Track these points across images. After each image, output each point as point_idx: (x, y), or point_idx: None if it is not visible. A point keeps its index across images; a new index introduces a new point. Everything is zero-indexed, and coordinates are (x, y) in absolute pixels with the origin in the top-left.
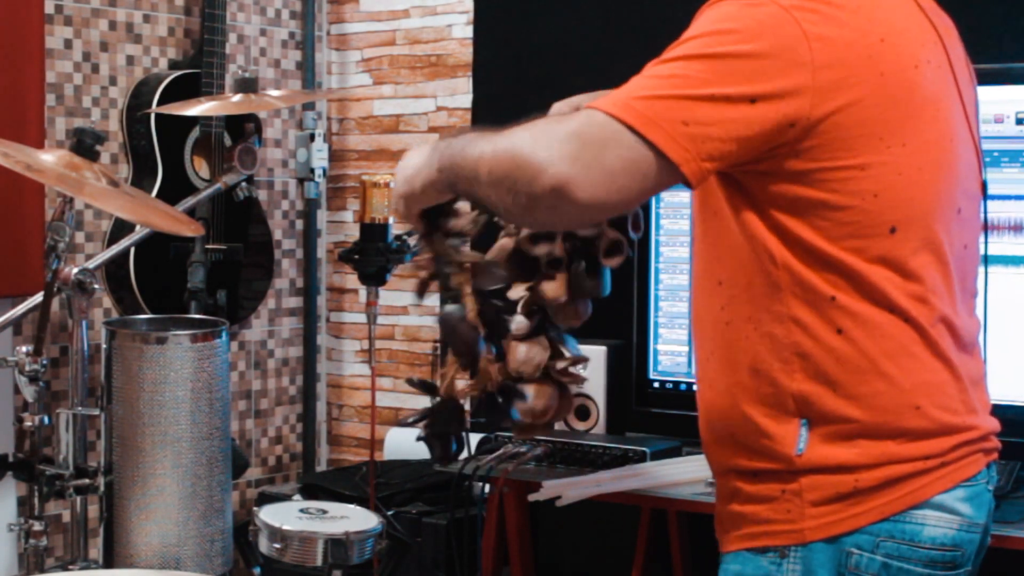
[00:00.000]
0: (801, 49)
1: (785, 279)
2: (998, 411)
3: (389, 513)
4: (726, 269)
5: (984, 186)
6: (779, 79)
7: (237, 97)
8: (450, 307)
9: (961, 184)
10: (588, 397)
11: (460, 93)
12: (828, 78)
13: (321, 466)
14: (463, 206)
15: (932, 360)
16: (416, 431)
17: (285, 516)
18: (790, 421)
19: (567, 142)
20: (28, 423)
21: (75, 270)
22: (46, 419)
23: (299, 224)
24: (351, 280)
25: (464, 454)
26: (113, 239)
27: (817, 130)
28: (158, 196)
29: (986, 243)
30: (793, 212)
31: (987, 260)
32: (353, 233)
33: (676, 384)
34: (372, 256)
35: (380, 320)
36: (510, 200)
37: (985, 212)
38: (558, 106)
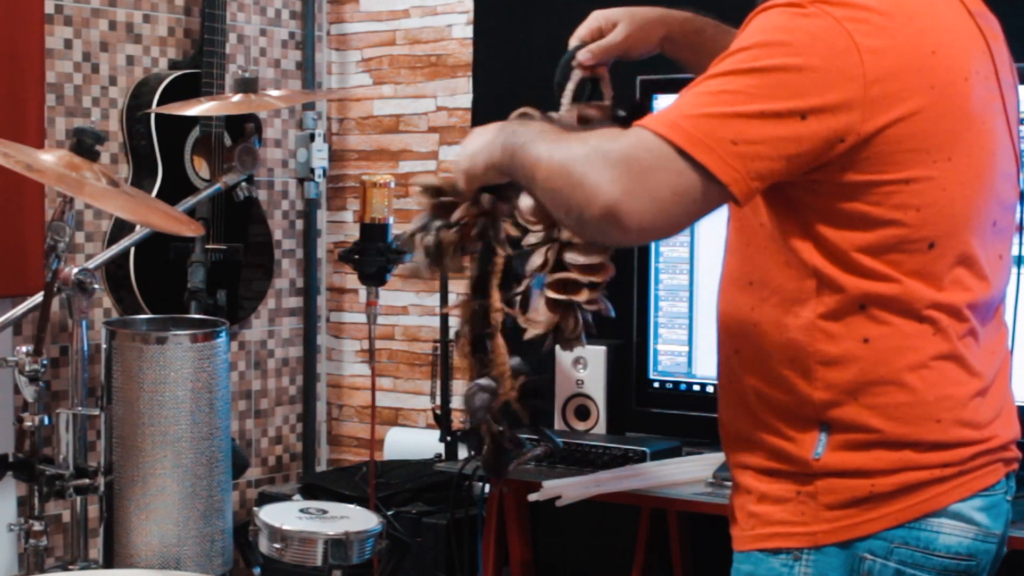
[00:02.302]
0: (853, 61)
1: (815, 287)
2: None
3: (389, 513)
4: (758, 271)
5: (1022, 195)
6: (830, 93)
7: (237, 97)
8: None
9: (998, 196)
10: (588, 397)
11: (460, 93)
12: (879, 91)
13: (321, 466)
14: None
15: (958, 372)
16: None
17: (285, 516)
18: (810, 426)
19: (617, 167)
20: (28, 423)
21: (75, 270)
22: (46, 419)
23: (299, 224)
24: (351, 280)
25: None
26: (113, 239)
27: (867, 144)
28: (158, 196)
29: (1020, 245)
30: (833, 222)
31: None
32: (353, 233)
33: (676, 384)
34: (372, 256)
35: (380, 320)
36: (563, 213)
37: (1022, 219)
38: (595, 16)
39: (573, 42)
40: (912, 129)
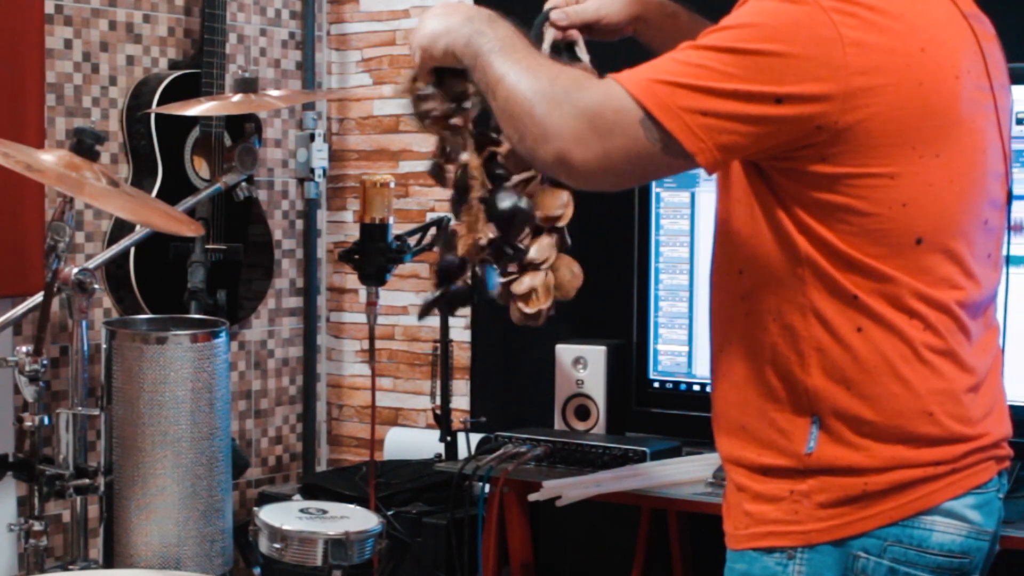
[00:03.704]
0: (835, 53)
1: (809, 273)
2: None
3: (389, 513)
4: (748, 258)
5: (1010, 193)
6: (808, 82)
7: (237, 97)
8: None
9: (989, 195)
10: (588, 397)
11: None
12: (860, 84)
13: (321, 466)
14: None
15: (950, 368)
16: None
17: (285, 516)
18: (802, 417)
19: (579, 118)
20: (28, 423)
21: (75, 270)
22: (46, 419)
23: (299, 224)
24: (351, 280)
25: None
26: (113, 239)
27: (845, 135)
28: (158, 196)
29: (1008, 245)
30: (818, 214)
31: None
32: (353, 233)
33: (676, 384)
34: (372, 256)
35: (380, 320)
36: (515, 139)
37: (1009, 217)
38: None
39: (548, 4)
40: (897, 124)
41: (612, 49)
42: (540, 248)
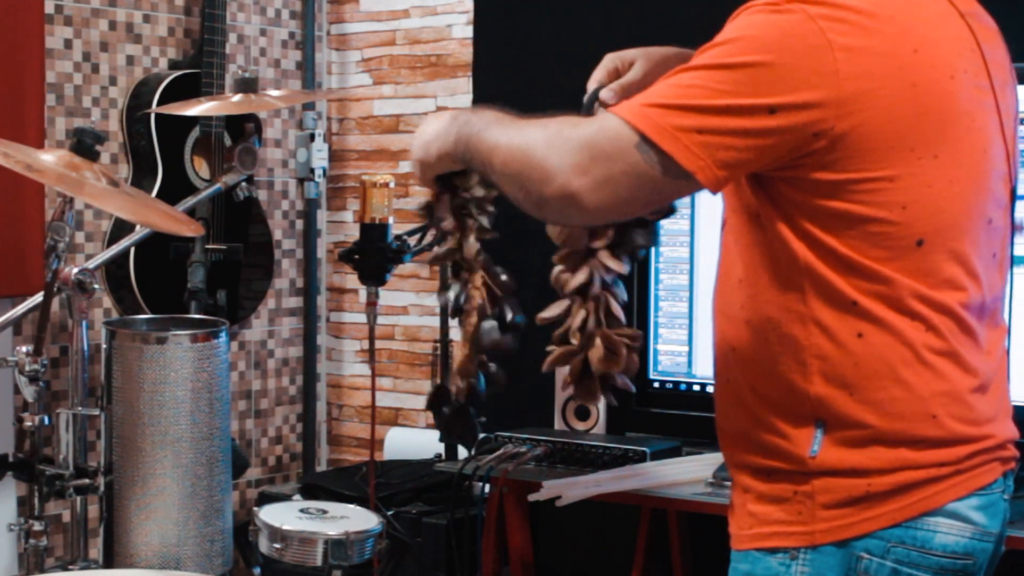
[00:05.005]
0: (826, 59)
1: (808, 281)
2: None
3: (389, 513)
4: (746, 267)
5: (1014, 192)
6: (801, 90)
7: (237, 97)
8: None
9: (993, 194)
10: None
11: (460, 93)
12: (853, 89)
13: (321, 466)
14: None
15: (952, 369)
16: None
17: (285, 516)
18: (805, 423)
19: (578, 152)
20: (28, 423)
21: (75, 270)
22: (46, 419)
23: (299, 224)
24: (351, 280)
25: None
26: (113, 239)
27: (843, 141)
28: (158, 196)
29: (1012, 245)
30: (821, 220)
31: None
32: (353, 233)
33: (676, 384)
34: (372, 256)
35: (380, 320)
36: (521, 196)
37: (1013, 216)
38: (610, 57)
39: (591, 85)
40: (893, 127)
41: None
42: (574, 321)
